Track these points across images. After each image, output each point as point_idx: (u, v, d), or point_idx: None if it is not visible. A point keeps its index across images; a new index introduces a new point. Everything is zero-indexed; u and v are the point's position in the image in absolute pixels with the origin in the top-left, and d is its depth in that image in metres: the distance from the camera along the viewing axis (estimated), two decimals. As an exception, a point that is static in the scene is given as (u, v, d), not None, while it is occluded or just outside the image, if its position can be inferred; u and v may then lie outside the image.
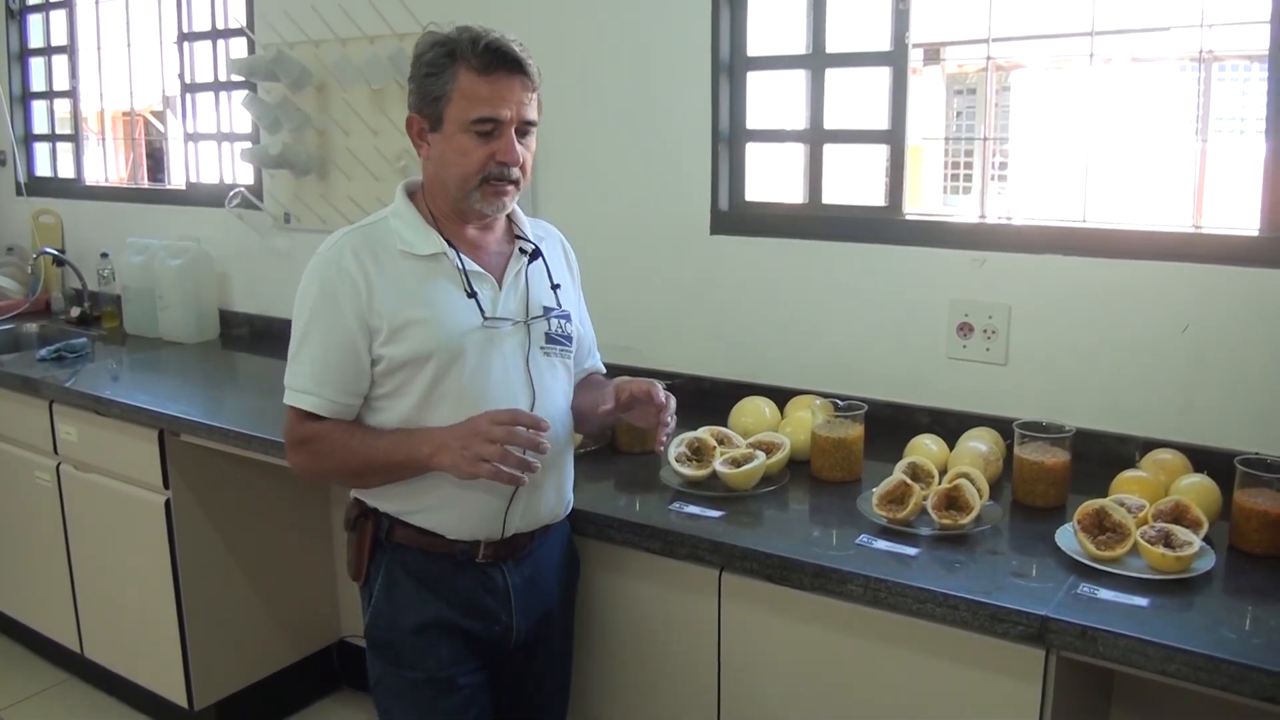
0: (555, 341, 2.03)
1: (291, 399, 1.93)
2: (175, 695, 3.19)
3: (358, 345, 1.90)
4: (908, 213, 2.73)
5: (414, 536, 1.98)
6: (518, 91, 1.86)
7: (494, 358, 1.94)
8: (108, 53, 4.60)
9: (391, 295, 1.89)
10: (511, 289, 1.99)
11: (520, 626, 2.05)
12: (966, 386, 2.61)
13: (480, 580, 2.00)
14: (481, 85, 1.84)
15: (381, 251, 1.92)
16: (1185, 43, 2.46)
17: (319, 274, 1.91)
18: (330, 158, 3.70)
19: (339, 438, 1.93)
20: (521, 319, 1.99)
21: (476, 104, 1.84)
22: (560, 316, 2.05)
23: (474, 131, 1.86)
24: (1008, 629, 1.75)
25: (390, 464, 1.92)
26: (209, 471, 3.11)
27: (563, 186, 3.20)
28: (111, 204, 4.56)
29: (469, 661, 2.01)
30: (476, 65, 1.84)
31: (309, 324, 1.92)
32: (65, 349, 3.67)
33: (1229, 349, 2.30)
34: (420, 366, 1.90)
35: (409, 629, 1.98)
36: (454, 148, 1.88)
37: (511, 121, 1.86)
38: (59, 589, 3.47)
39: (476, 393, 1.91)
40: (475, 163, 1.87)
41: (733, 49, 2.90)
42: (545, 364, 2.01)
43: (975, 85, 3.86)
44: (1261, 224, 2.30)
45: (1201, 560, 1.86)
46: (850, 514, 2.16)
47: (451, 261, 1.93)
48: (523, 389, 1.97)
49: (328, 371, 1.91)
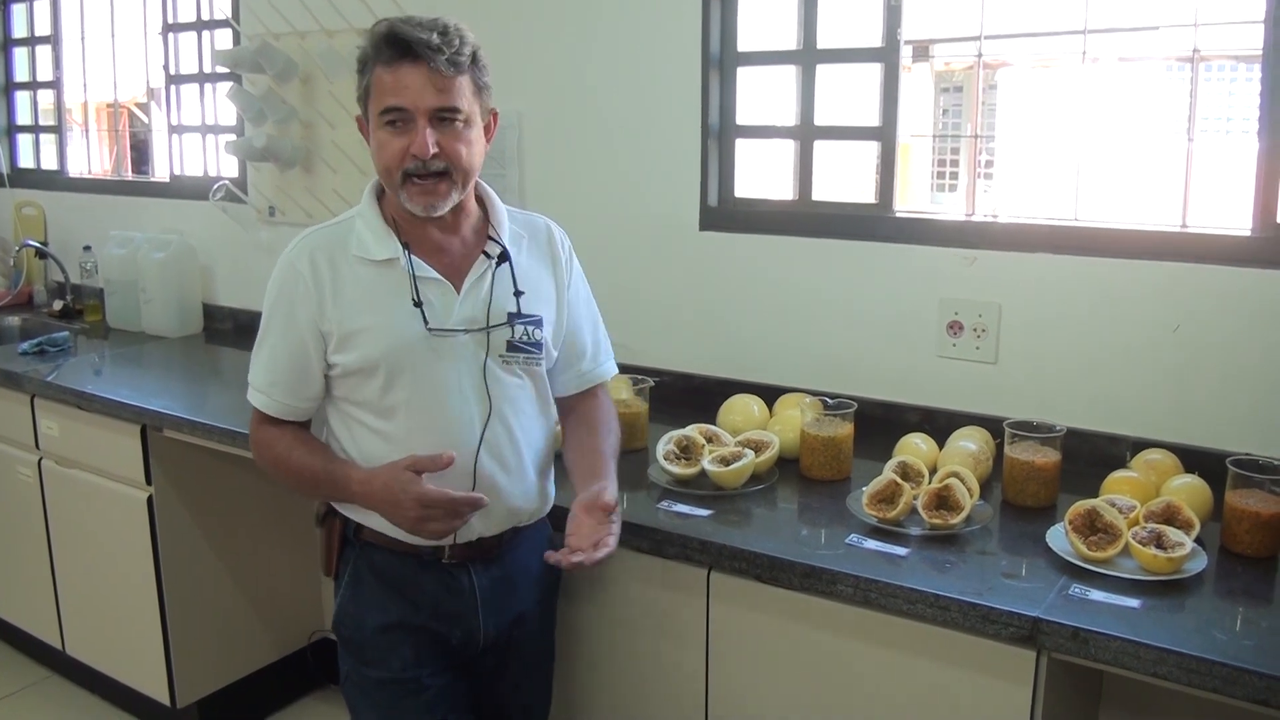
0: (518, 350, 1.96)
1: (249, 395, 1.99)
2: (157, 692, 3.17)
3: (309, 351, 1.91)
4: (898, 210, 2.72)
5: (381, 535, 1.98)
6: (421, 80, 1.79)
7: (444, 369, 1.90)
8: (92, 43, 4.56)
9: (344, 301, 1.89)
10: (471, 294, 1.93)
11: (488, 629, 2.03)
12: (956, 385, 2.60)
13: (445, 581, 1.99)
14: (386, 76, 1.81)
15: (339, 255, 1.91)
16: (1173, 42, 2.46)
17: (278, 278, 1.94)
18: (315, 150, 3.68)
19: (281, 450, 1.97)
20: (480, 327, 1.93)
21: (383, 95, 1.82)
22: (528, 322, 1.97)
23: (384, 124, 1.83)
24: (999, 630, 1.74)
25: (324, 492, 1.98)
26: (192, 467, 3.08)
27: (551, 182, 3.18)
28: (95, 196, 4.53)
29: (435, 663, 2.00)
30: (384, 57, 1.81)
31: (266, 326, 1.96)
32: (47, 343, 3.64)
33: (1220, 348, 2.29)
34: (370, 375, 1.89)
35: (373, 629, 1.98)
36: (376, 143, 1.86)
37: (420, 111, 1.80)
38: (41, 585, 3.45)
39: (426, 403, 1.90)
40: (390, 157, 1.83)
41: (723, 44, 2.88)
42: (504, 374, 1.96)
43: (962, 83, 3.85)
44: (1253, 224, 2.30)
45: (1193, 561, 1.86)
46: (840, 513, 2.16)
47: (404, 267, 1.90)
48: (476, 402, 1.93)
49: (278, 374, 1.95)
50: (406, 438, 1.90)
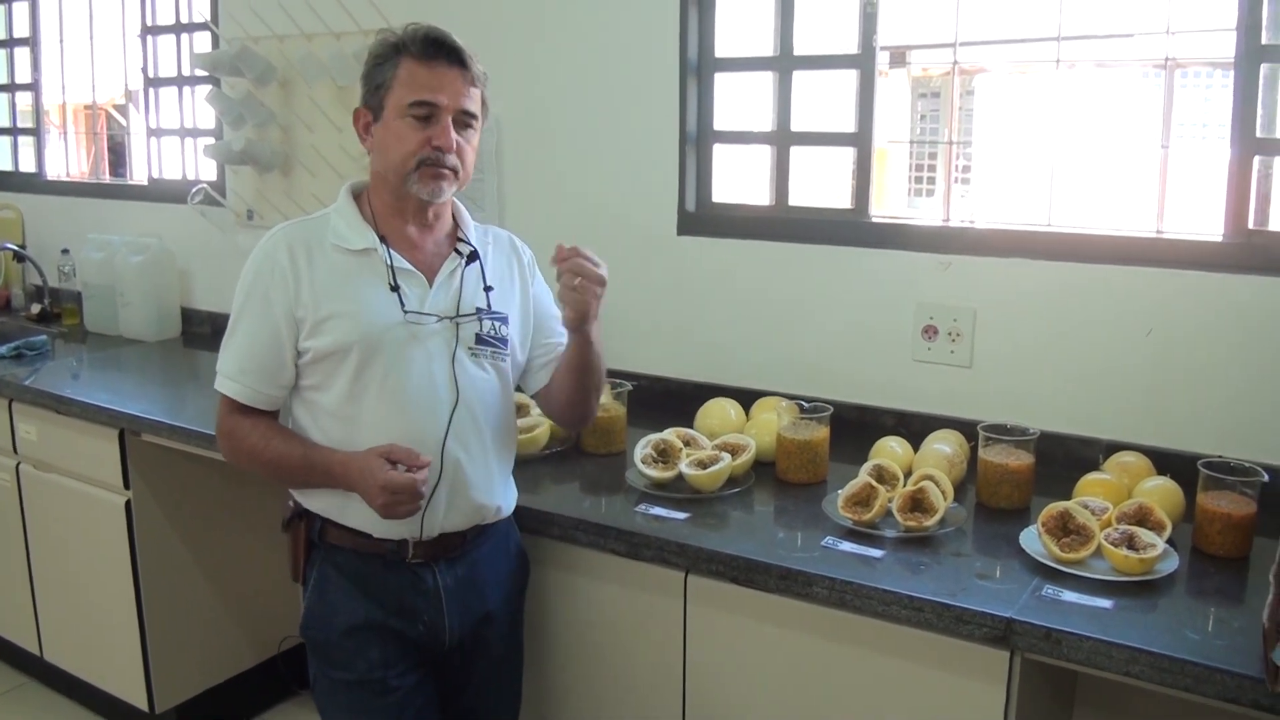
0: (486, 343, 2.02)
1: (219, 383, 2.00)
2: (136, 698, 3.15)
3: (282, 338, 1.94)
4: (874, 215, 2.74)
5: (346, 537, 2.00)
6: (456, 81, 1.90)
7: (416, 355, 1.95)
8: (70, 45, 4.53)
9: (318, 288, 1.93)
10: (443, 287, 1.99)
11: (454, 627, 2.04)
12: (931, 389, 2.62)
13: (410, 580, 2.00)
14: (420, 71, 1.89)
15: (315, 245, 1.96)
16: (1149, 49, 2.48)
17: (253, 267, 1.97)
18: (294, 154, 3.67)
19: (256, 441, 1.98)
20: (450, 317, 1.98)
21: (414, 89, 1.89)
22: (495, 318, 2.04)
23: (411, 116, 1.90)
24: (972, 631, 1.75)
25: (303, 479, 1.99)
26: (170, 472, 3.08)
27: (529, 187, 3.19)
28: (73, 199, 4.51)
29: (401, 664, 2.01)
30: (417, 53, 1.89)
31: (239, 314, 1.98)
32: (25, 346, 3.62)
33: (1192, 352, 2.32)
34: (343, 359, 1.92)
35: (340, 630, 1.99)
36: (392, 133, 1.92)
37: (448, 109, 1.90)
38: (18, 591, 3.43)
39: (397, 389, 1.93)
40: (411, 146, 1.90)
41: (700, 50, 2.89)
42: (473, 365, 2.01)
43: (939, 89, 3.88)
44: (1224, 229, 2.32)
45: (1165, 562, 1.88)
46: (816, 516, 2.17)
47: (381, 257, 1.95)
48: (446, 389, 1.96)
49: (251, 361, 1.96)
50: (375, 424, 1.93)
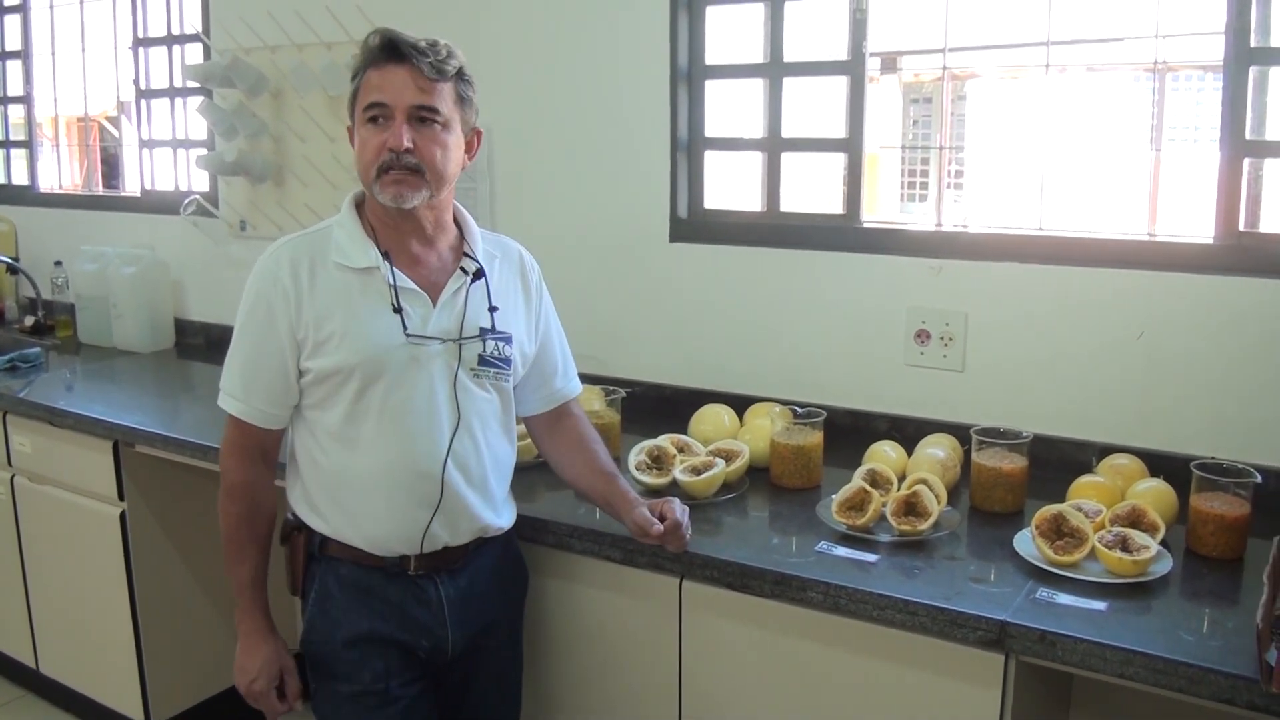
0: (489, 364, 1.99)
1: (222, 400, 1.99)
2: (132, 710, 3.15)
3: (285, 357, 1.92)
4: (865, 221, 2.74)
5: (346, 549, 1.98)
6: (405, 79, 1.85)
7: (418, 377, 1.92)
8: (62, 58, 4.54)
9: (320, 307, 1.90)
10: (447, 307, 1.96)
11: (456, 639, 2.03)
12: (924, 393, 2.62)
13: (413, 592, 1.99)
14: (373, 75, 1.88)
15: (318, 262, 1.93)
16: (1140, 53, 2.48)
17: (255, 284, 1.94)
18: (286, 165, 3.67)
19: (243, 508, 2.00)
20: (454, 338, 1.96)
21: (367, 93, 1.88)
22: (499, 339, 2.01)
23: (366, 120, 1.88)
24: (967, 634, 1.75)
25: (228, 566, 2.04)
26: (165, 483, 3.07)
27: (522, 195, 3.19)
28: (66, 211, 4.50)
29: (404, 674, 2.00)
30: (372, 59, 1.88)
31: (241, 332, 1.96)
32: (19, 359, 3.62)
33: (1184, 355, 2.32)
34: (345, 380, 1.90)
35: (342, 642, 1.98)
36: (357, 142, 1.91)
37: (399, 108, 1.86)
38: (14, 603, 3.42)
39: (399, 411, 1.92)
40: (369, 151, 1.88)
41: (691, 57, 2.90)
42: (474, 386, 1.99)
43: (931, 94, 3.89)
44: (1215, 231, 2.33)
45: (1158, 564, 1.88)
46: (810, 521, 2.17)
47: (383, 276, 1.92)
48: (447, 412, 1.95)
49: (256, 381, 1.95)
50: (375, 446, 1.92)
